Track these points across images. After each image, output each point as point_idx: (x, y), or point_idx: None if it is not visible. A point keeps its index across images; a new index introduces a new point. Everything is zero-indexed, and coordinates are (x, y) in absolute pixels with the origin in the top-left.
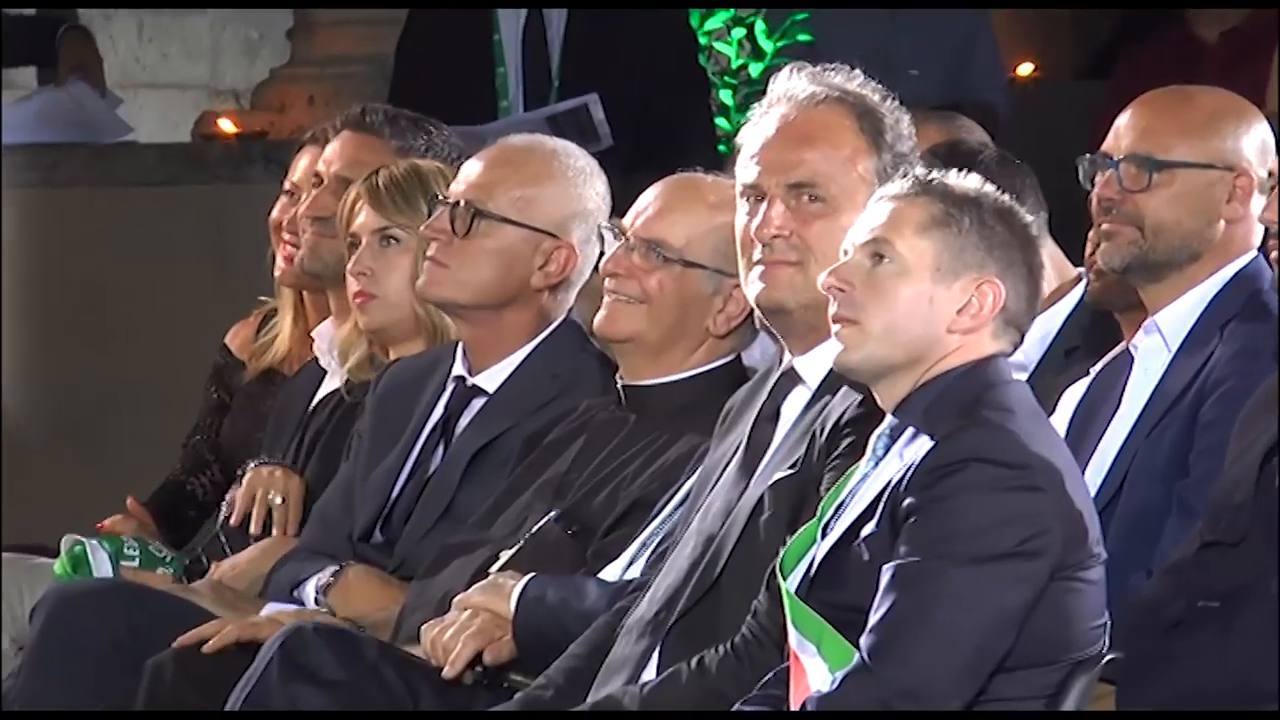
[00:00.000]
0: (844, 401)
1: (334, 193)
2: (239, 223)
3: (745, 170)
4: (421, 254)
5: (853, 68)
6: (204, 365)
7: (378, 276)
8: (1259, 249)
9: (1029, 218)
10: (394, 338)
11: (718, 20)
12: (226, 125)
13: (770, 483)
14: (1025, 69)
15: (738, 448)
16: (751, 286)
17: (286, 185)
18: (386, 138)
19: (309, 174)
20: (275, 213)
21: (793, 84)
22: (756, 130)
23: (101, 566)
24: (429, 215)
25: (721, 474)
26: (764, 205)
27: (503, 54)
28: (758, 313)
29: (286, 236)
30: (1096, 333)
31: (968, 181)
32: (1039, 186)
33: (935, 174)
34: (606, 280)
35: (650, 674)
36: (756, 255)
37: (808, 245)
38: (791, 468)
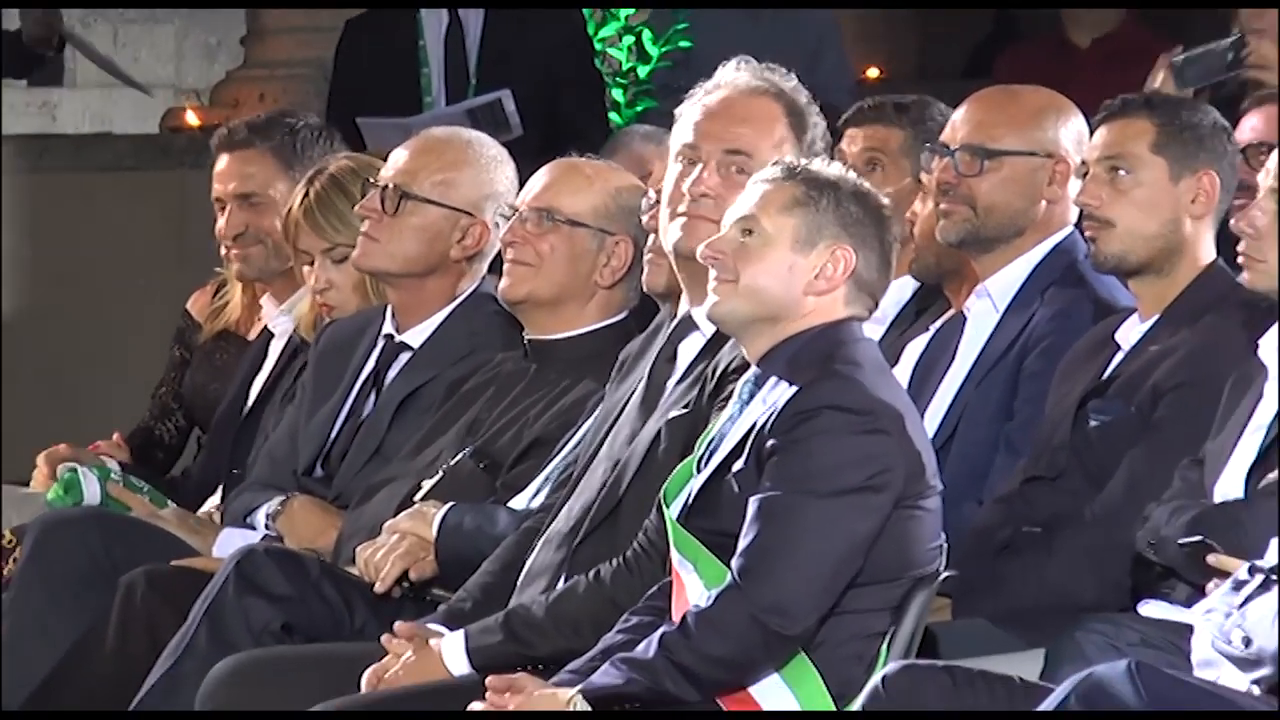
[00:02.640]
0: (732, 352)
1: (240, 209)
2: (199, 204)
3: (684, 134)
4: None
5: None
6: (168, 325)
7: (338, 288)
8: (1075, 225)
9: (884, 200)
10: None
11: (611, 29)
12: (191, 116)
13: (666, 419)
14: (872, 73)
15: (639, 384)
16: (670, 234)
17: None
18: (257, 146)
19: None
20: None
21: (738, 75)
22: (697, 105)
23: (91, 488)
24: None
25: (623, 410)
26: (698, 167)
27: (427, 57)
28: (647, 275)
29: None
30: (944, 297)
31: (830, 169)
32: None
33: (801, 162)
34: (506, 250)
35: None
36: (682, 208)
37: (727, 209)
38: (685, 408)
